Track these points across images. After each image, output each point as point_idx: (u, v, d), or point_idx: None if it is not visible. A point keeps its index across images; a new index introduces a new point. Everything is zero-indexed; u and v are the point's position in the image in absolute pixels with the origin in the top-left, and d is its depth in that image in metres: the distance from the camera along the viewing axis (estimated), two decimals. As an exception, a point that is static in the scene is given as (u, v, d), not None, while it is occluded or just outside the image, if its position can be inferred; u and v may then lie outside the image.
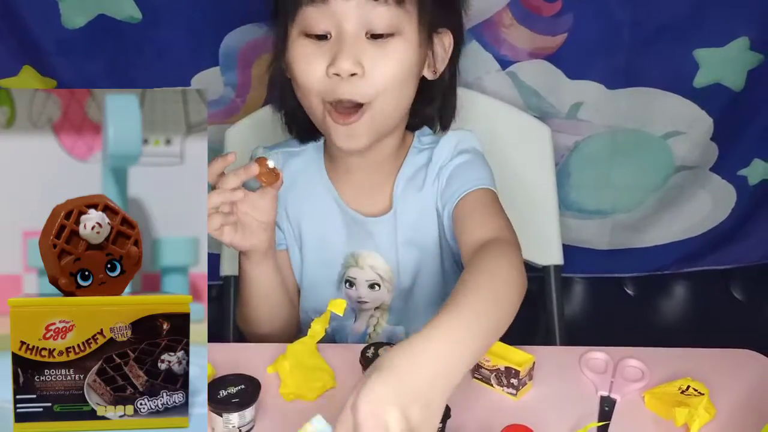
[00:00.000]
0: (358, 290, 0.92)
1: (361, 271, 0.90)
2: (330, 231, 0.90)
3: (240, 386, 0.72)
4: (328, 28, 0.75)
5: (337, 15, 0.74)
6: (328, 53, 0.76)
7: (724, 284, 1.42)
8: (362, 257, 0.90)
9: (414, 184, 0.88)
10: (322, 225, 0.90)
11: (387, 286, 0.91)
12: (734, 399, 0.78)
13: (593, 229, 1.31)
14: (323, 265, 0.92)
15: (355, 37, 0.75)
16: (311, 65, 0.77)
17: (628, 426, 0.75)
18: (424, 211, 0.88)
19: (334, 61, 0.75)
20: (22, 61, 1.11)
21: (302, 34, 0.77)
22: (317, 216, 0.90)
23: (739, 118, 1.21)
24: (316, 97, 0.79)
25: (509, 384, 0.78)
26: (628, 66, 1.14)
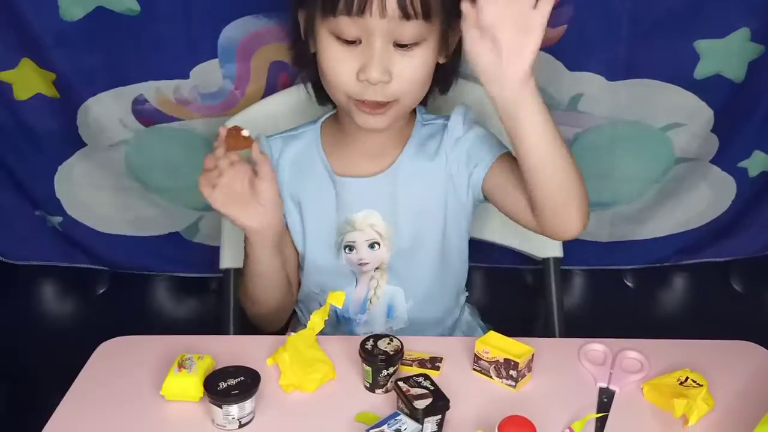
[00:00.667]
0: (358, 253, 0.94)
1: (360, 233, 0.93)
2: (325, 201, 0.93)
3: (240, 378, 0.72)
4: (358, 35, 0.81)
5: (369, 28, 0.79)
6: (358, 58, 0.81)
7: (723, 276, 1.41)
8: (359, 219, 0.93)
9: (424, 153, 0.93)
10: (318, 197, 0.94)
11: (386, 245, 0.94)
12: (733, 390, 0.78)
13: (593, 222, 1.30)
14: (322, 237, 0.95)
15: (384, 47, 0.80)
16: (341, 66, 0.83)
17: (626, 417, 0.75)
18: (433, 176, 0.93)
19: (365, 69, 0.81)
20: (21, 54, 1.11)
21: (332, 35, 0.82)
22: (314, 190, 0.94)
23: (740, 109, 1.20)
24: (342, 92, 0.85)
25: (508, 376, 0.78)
26: (629, 57, 1.14)
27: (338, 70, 0.83)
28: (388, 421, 0.68)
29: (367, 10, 0.78)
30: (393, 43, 0.81)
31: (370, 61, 0.80)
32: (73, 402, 0.76)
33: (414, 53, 0.82)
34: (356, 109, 0.85)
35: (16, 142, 1.20)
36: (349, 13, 0.78)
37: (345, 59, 0.82)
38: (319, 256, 0.96)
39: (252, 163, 0.86)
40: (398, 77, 0.82)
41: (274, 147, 0.95)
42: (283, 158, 0.95)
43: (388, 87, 0.82)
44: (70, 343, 0.99)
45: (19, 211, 1.29)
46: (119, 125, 1.17)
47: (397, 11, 0.78)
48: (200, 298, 1.41)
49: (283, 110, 1.11)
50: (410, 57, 0.82)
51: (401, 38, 0.80)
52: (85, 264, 1.35)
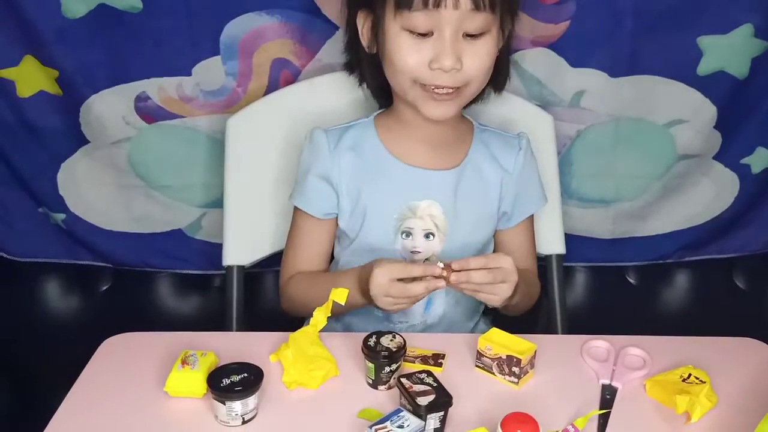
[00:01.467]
0: (414, 240, 0.97)
1: (419, 221, 0.96)
2: (388, 186, 0.97)
3: (243, 374, 0.73)
4: (431, 28, 0.87)
5: (442, 20, 0.86)
6: (431, 49, 0.87)
7: (726, 273, 1.41)
8: (421, 208, 0.96)
9: (490, 157, 1.00)
10: (380, 181, 0.97)
11: (440, 237, 0.97)
12: (736, 387, 0.78)
13: (595, 218, 1.31)
14: (379, 222, 0.97)
15: (455, 37, 0.87)
16: (413, 57, 0.88)
17: (629, 414, 0.75)
18: (494, 182, 1.00)
19: (439, 58, 0.86)
20: (24, 51, 1.11)
21: (404, 30, 0.87)
22: (375, 174, 0.97)
23: (743, 106, 1.20)
24: (411, 80, 0.90)
25: (511, 372, 0.78)
26: (631, 54, 1.13)
27: (410, 61, 0.88)
28: (391, 417, 0.68)
29: (442, 3, 0.84)
30: (462, 34, 0.87)
31: (443, 51, 0.86)
32: (77, 398, 0.76)
33: (480, 42, 0.88)
34: (425, 98, 0.89)
35: (19, 140, 1.20)
36: (426, 6, 0.84)
37: (417, 50, 0.87)
38: (375, 239, 0.98)
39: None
40: (468, 65, 0.88)
41: (330, 138, 0.98)
42: (340, 146, 0.98)
43: (459, 74, 0.87)
44: (74, 340, 0.99)
45: (22, 208, 1.29)
46: (122, 122, 1.17)
47: (470, 4, 0.85)
48: (203, 295, 1.41)
49: (286, 107, 1.12)
50: (478, 46, 0.88)
51: (470, 29, 0.86)
52: (88, 261, 1.35)
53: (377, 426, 0.67)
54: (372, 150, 0.98)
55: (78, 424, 0.73)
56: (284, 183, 1.11)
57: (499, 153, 1.01)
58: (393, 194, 0.97)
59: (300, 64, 1.15)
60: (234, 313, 1.10)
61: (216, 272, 1.33)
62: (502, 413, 0.68)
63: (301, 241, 1.01)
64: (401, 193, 0.97)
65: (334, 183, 0.97)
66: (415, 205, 0.96)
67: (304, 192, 0.99)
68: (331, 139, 0.98)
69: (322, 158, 0.97)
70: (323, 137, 0.98)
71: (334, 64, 1.13)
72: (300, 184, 1.00)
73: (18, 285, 1.38)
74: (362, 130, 0.99)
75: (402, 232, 0.97)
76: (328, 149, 0.97)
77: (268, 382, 0.75)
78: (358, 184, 0.97)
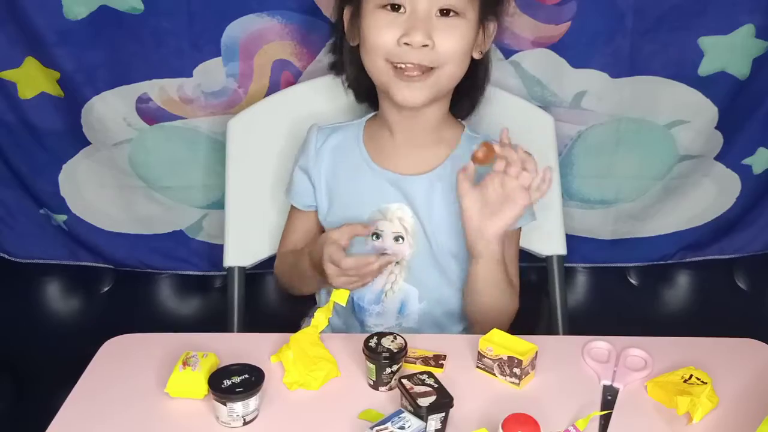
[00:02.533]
0: (383, 242, 0.97)
1: (389, 224, 0.97)
2: (361, 188, 0.97)
3: (244, 376, 0.73)
4: (402, 2, 0.87)
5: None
6: (403, 24, 0.87)
7: (727, 273, 1.41)
8: (391, 210, 0.97)
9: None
10: (353, 183, 0.98)
11: (409, 241, 0.97)
12: (737, 388, 0.78)
13: (596, 219, 1.31)
14: (353, 221, 0.96)
15: (427, 13, 0.87)
16: (386, 33, 0.88)
17: (630, 415, 0.75)
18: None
19: (409, 32, 0.86)
20: (25, 53, 1.11)
21: (378, 6, 0.88)
22: (351, 176, 0.98)
23: (744, 106, 1.20)
24: (384, 59, 0.89)
25: (512, 373, 0.78)
26: (632, 54, 1.13)
27: (382, 35, 0.87)
28: (392, 418, 0.68)
29: None
30: (436, 11, 0.87)
31: (414, 25, 0.86)
32: (78, 400, 0.76)
33: (455, 23, 0.88)
34: (396, 80, 0.89)
35: (21, 141, 1.20)
36: None
37: (389, 26, 0.87)
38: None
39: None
40: (440, 44, 0.87)
41: (320, 135, 1.00)
42: (325, 146, 0.99)
43: (429, 52, 0.87)
44: (75, 341, 0.99)
45: (24, 209, 1.29)
46: (123, 124, 1.18)
47: None
48: (204, 296, 1.41)
49: (287, 108, 1.12)
50: (451, 27, 0.88)
51: (443, 4, 0.86)
52: (89, 262, 1.35)
53: (378, 427, 0.67)
54: (352, 152, 0.99)
55: (79, 424, 0.73)
56: (285, 184, 1.11)
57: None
58: (365, 197, 0.97)
59: (301, 65, 1.15)
60: (235, 314, 1.10)
61: (217, 273, 1.34)
62: (503, 414, 0.68)
63: (288, 228, 1.05)
64: (373, 196, 0.97)
65: (314, 180, 1.00)
66: (386, 208, 0.97)
67: (291, 184, 1.03)
68: (320, 137, 1.00)
69: (307, 154, 1.00)
70: (314, 133, 1.00)
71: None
72: (291, 177, 1.03)
73: (19, 286, 1.38)
74: (350, 132, 1.00)
75: (372, 234, 0.97)
76: (314, 147, 0.99)
77: (269, 383, 0.75)
78: (333, 185, 0.99)
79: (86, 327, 1.38)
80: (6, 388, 1.38)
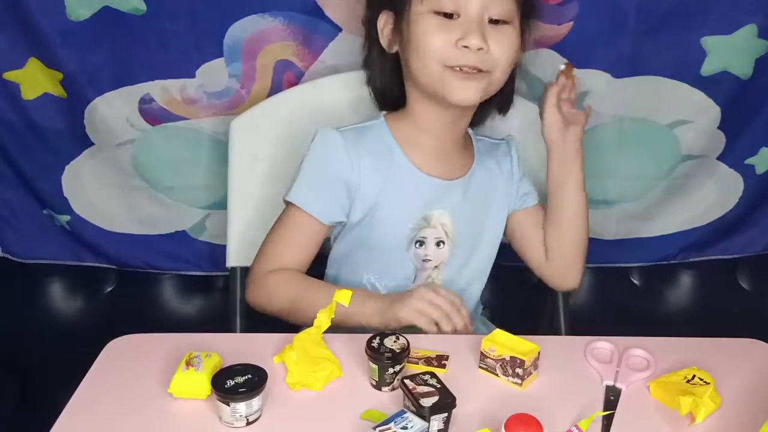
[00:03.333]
0: (426, 249, 0.98)
1: (432, 230, 0.98)
2: (404, 195, 0.97)
3: (247, 376, 0.73)
4: (456, 9, 0.89)
5: (468, 2, 0.89)
6: (458, 28, 0.89)
7: (731, 273, 1.41)
8: (434, 217, 0.98)
9: (490, 167, 1.03)
10: (396, 191, 0.97)
11: (449, 245, 0.99)
12: (740, 388, 0.78)
13: (599, 219, 1.31)
14: (394, 231, 0.97)
15: (480, 19, 0.90)
16: (440, 36, 0.90)
17: (633, 415, 0.75)
18: (498, 191, 1.03)
19: (465, 36, 0.89)
20: (28, 54, 1.12)
21: (430, 12, 0.90)
22: (392, 183, 0.96)
23: (747, 106, 1.20)
24: (438, 61, 0.90)
25: (514, 374, 0.78)
26: (635, 54, 1.13)
27: (436, 38, 0.89)
28: (395, 418, 0.68)
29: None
30: (487, 18, 0.90)
31: (471, 29, 0.88)
32: (82, 400, 0.76)
33: (504, 30, 0.91)
34: (451, 80, 0.90)
35: (24, 142, 1.21)
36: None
37: (443, 30, 0.89)
38: (387, 247, 0.98)
39: None
40: (493, 48, 0.90)
41: (346, 137, 0.95)
42: (359, 148, 0.95)
43: (484, 56, 0.89)
44: (78, 341, 0.99)
45: (27, 209, 1.29)
46: (126, 124, 1.18)
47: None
48: (207, 296, 1.41)
49: (289, 109, 1.12)
50: (501, 34, 0.91)
51: (494, 13, 0.90)
52: (92, 262, 1.35)
53: (381, 427, 0.67)
54: (390, 156, 0.97)
55: (83, 425, 0.73)
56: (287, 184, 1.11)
57: (500, 160, 1.04)
58: (409, 203, 0.97)
59: (303, 65, 1.15)
60: (237, 314, 1.10)
61: (220, 273, 1.34)
62: (506, 414, 0.68)
63: (290, 239, 0.97)
64: (417, 202, 0.97)
65: (353, 187, 0.95)
66: (430, 215, 0.97)
67: (310, 194, 0.95)
68: (349, 141, 0.95)
69: (339, 160, 0.94)
70: (340, 139, 0.94)
71: (338, 66, 1.13)
72: (306, 185, 0.96)
73: (23, 286, 1.38)
74: (378, 133, 0.98)
75: (416, 242, 0.98)
76: (346, 153, 0.94)
77: (272, 384, 0.75)
78: (374, 189, 0.96)
79: (89, 327, 1.38)
80: (9, 388, 1.38)
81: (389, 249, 0.98)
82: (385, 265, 0.99)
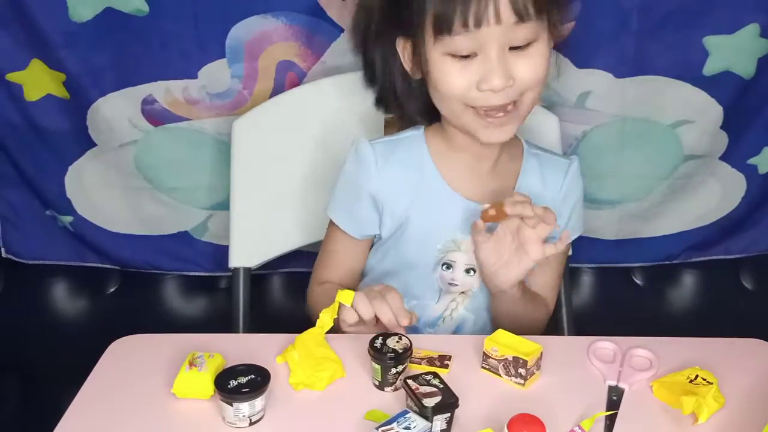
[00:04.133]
0: (453, 273, 0.94)
1: (462, 255, 0.93)
2: (435, 216, 0.92)
3: (250, 376, 0.73)
4: (474, 50, 0.80)
5: (485, 39, 0.79)
6: (478, 69, 0.81)
7: (733, 273, 1.41)
8: (466, 242, 0.91)
9: (535, 186, 0.93)
10: (429, 208, 0.92)
11: (480, 273, 0.92)
12: (743, 388, 0.78)
13: (601, 219, 1.31)
14: (422, 249, 0.93)
15: (501, 53, 0.80)
16: (460, 79, 0.82)
17: (636, 415, 0.75)
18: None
19: (487, 78, 0.80)
20: (31, 55, 1.12)
21: (446, 54, 0.81)
22: (422, 202, 0.92)
23: (750, 106, 1.20)
24: (461, 104, 0.84)
25: (517, 374, 0.78)
26: (637, 54, 1.13)
27: (457, 85, 0.82)
28: (398, 419, 0.68)
29: (483, 21, 0.77)
30: (508, 47, 0.80)
31: (492, 70, 0.79)
32: (86, 400, 0.77)
33: (530, 52, 0.81)
34: (479, 123, 0.84)
35: (27, 143, 1.21)
36: (466, 28, 0.78)
37: (462, 72, 0.81)
38: (413, 265, 0.94)
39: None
40: (521, 77, 0.81)
41: (378, 152, 0.91)
42: (390, 162, 0.92)
43: (510, 90, 0.82)
44: (81, 342, 1.00)
45: (30, 210, 1.30)
46: (129, 125, 1.18)
47: (513, 17, 0.78)
48: (209, 296, 1.41)
49: (292, 109, 1.12)
50: (527, 57, 0.81)
51: (516, 41, 0.80)
52: (95, 263, 1.36)
53: (384, 427, 0.67)
54: (422, 171, 0.92)
55: (86, 425, 0.73)
56: (291, 185, 1.12)
57: (549, 178, 0.95)
58: (440, 223, 0.92)
59: (305, 66, 1.15)
60: (240, 314, 1.10)
61: (222, 274, 1.34)
62: (509, 414, 0.68)
63: (332, 253, 0.98)
64: (447, 223, 0.92)
65: (380, 201, 0.92)
66: (461, 239, 0.92)
67: (343, 209, 0.95)
68: (379, 153, 0.91)
69: (368, 175, 0.91)
70: (369, 151, 0.91)
71: (340, 66, 1.13)
72: (339, 199, 0.95)
73: (26, 287, 1.39)
74: (413, 146, 0.93)
75: (443, 264, 0.93)
76: (375, 165, 0.91)
77: (274, 384, 0.75)
78: (404, 204, 0.92)
79: (92, 327, 1.39)
80: (13, 388, 1.39)
81: (415, 267, 0.94)
82: (410, 283, 0.94)
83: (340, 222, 0.95)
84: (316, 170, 1.11)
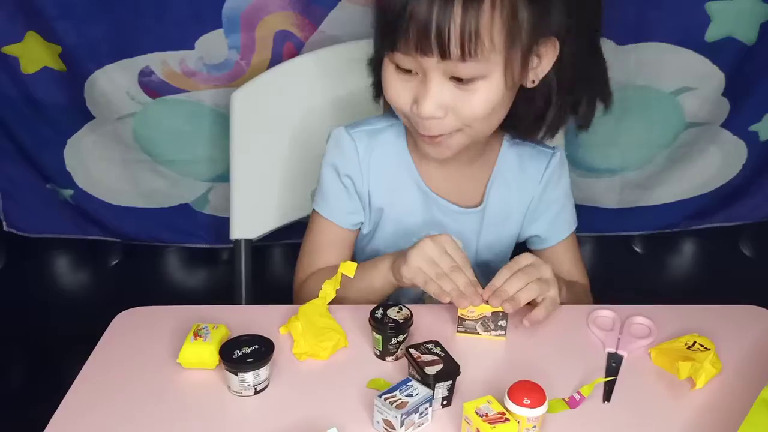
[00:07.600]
0: None
1: None
2: (411, 214, 0.92)
3: (254, 346, 0.74)
4: (416, 69, 0.76)
5: (427, 64, 0.75)
6: (414, 89, 0.78)
7: (733, 241, 1.41)
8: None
9: (511, 181, 0.93)
10: (402, 208, 0.92)
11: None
12: (740, 354, 0.79)
13: (602, 188, 1.31)
14: (397, 243, 0.93)
15: (440, 82, 0.76)
16: (399, 94, 0.79)
17: (634, 381, 0.76)
18: (516, 208, 0.94)
19: (418, 102, 0.77)
20: (26, 27, 1.11)
21: (392, 63, 0.78)
22: (400, 199, 0.92)
23: (752, 72, 1.19)
24: (404, 116, 0.83)
25: (497, 326, 0.79)
26: (638, 21, 1.12)
27: (396, 99, 0.80)
28: (400, 387, 0.69)
29: (427, 52, 0.73)
30: (451, 78, 0.75)
31: (423, 96, 0.76)
32: (92, 371, 0.77)
33: (474, 87, 0.76)
34: (418, 137, 0.83)
35: (25, 116, 1.20)
36: (407, 53, 0.74)
37: (403, 88, 0.79)
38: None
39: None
40: (455, 113, 0.77)
41: (359, 142, 0.90)
42: (372, 157, 0.90)
43: (442, 122, 0.78)
44: (84, 314, 1.01)
45: (30, 184, 1.30)
46: (126, 97, 1.17)
47: (458, 54, 0.72)
48: (211, 268, 1.42)
49: (290, 79, 1.11)
50: (470, 92, 0.76)
51: (459, 74, 0.75)
52: (97, 236, 1.36)
53: (387, 395, 0.68)
54: (399, 166, 0.91)
55: (94, 396, 0.74)
56: (290, 156, 1.11)
57: (529, 167, 0.93)
58: (416, 224, 0.92)
59: (303, 36, 1.14)
60: (242, 286, 1.11)
61: (224, 246, 1.35)
62: (510, 382, 0.69)
63: (320, 244, 0.95)
64: (425, 224, 0.92)
65: (363, 194, 0.92)
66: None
67: (328, 200, 0.93)
68: (360, 143, 0.89)
69: (350, 167, 0.90)
70: (350, 143, 0.89)
71: (338, 36, 1.12)
72: (323, 191, 0.93)
73: (28, 261, 1.39)
74: (393, 138, 0.91)
75: None
76: (356, 158, 0.90)
77: (278, 354, 0.76)
78: (381, 199, 0.92)
79: (95, 300, 1.40)
80: (19, 361, 1.40)
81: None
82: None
83: (327, 213, 0.93)
84: (315, 141, 1.10)
